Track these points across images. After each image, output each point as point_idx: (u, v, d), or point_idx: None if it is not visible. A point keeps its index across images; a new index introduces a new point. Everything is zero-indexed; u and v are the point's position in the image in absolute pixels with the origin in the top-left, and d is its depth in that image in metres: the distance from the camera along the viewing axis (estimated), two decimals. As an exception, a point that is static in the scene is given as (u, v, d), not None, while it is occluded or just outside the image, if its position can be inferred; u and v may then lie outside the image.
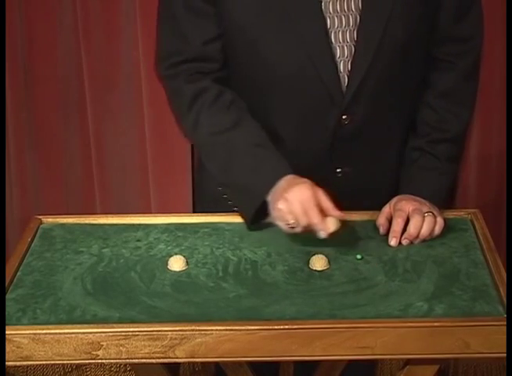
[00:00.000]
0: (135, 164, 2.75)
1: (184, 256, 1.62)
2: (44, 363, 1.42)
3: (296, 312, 1.45)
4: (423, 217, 1.67)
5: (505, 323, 1.38)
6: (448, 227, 1.73)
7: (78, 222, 1.78)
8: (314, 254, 1.61)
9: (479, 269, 1.58)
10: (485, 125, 2.59)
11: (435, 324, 1.39)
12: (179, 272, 1.59)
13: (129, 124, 2.73)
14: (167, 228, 1.75)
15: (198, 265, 1.61)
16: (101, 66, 2.65)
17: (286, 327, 1.39)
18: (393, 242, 1.66)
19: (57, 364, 2.55)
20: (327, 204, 1.61)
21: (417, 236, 1.66)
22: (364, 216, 1.76)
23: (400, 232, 1.66)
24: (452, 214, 1.79)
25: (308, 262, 1.60)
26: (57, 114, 2.71)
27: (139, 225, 1.77)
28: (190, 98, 1.74)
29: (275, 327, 1.39)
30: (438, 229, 1.68)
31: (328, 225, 1.59)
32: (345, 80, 1.70)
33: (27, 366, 2.55)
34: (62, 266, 1.61)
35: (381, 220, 1.71)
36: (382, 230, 1.70)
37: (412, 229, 1.66)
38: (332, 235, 1.59)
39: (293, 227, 1.62)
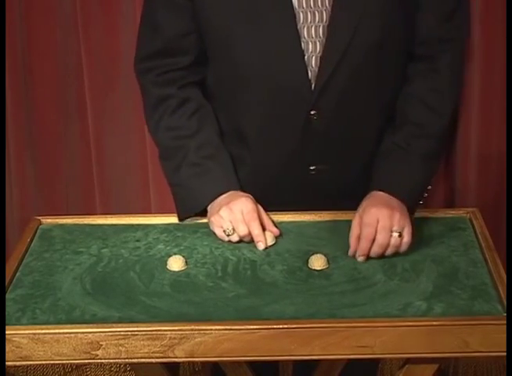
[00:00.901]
0: (135, 164, 2.75)
1: (183, 256, 1.63)
2: (43, 362, 1.43)
3: (295, 311, 1.45)
4: (390, 236, 1.62)
5: (504, 321, 1.38)
6: (447, 226, 1.73)
7: (77, 222, 1.79)
8: (313, 254, 1.61)
9: (478, 268, 1.58)
10: (485, 125, 2.59)
11: (434, 323, 1.39)
12: (178, 272, 1.59)
13: (129, 124, 2.73)
14: (167, 228, 1.76)
15: (197, 265, 1.61)
16: (101, 66, 2.64)
17: (285, 326, 1.39)
18: (360, 259, 1.62)
19: (57, 364, 2.55)
20: (267, 219, 1.71)
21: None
22: (363, 216, 1.76)
23: (367, 250, 1.61)
24: (451, 213, 1.79)
25: (307, 262, 1.60)
26: (57, 114, 2.70)
27: (138, 225, 1.77)
28: (155, 101, 1.82)
29: (275, 327, 1.39)
30: (402, 249, 1.63)
31: (267, 239, 1.67)
32: (315, 75, 1.70)
33: (27, 366, 2.55)
34: (61, 266, 1.61)
35: (353, 240, 1.64)
36: (351, 252, 1.63)
37: (376, 247, 1.62)
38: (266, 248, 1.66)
39: (229, 235, 1.68)
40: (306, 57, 1.69)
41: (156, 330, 1.39)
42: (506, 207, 2.46)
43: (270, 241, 1.68)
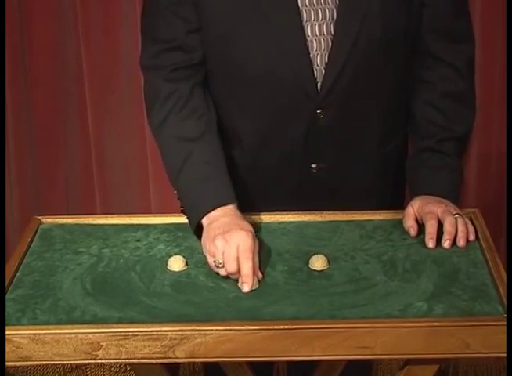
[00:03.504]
0: (135, 164, 2.76)
1: (184, 256, 1.62)
2: (43, 363, 1.42)
3: (295, 312, 1.45)
4: (455, 218, 1.66)
5: (505, 322, 1.38)
6: (448, 227, 1.72)
7: (78, 222, 1.78)
8: (313, 254, 1.61)
9: (479, 269, 1.58)
10: (485, 125, 2.59)
11: (435, 324, 1.39)
12: (179, 272, 1.59)
13: (129, 124, 2.73)
14: (167, 228, 1.75)
15: (198, 266, 1.61)
16: (101, 66, 2.65)
17: (286, 327, 1.39)
18: (431, 244, 1.64)
19: (57, 364, 2.56)
20: (257, 260, 1.57)
21: (455, 235, 1.65)
22: (364, 216, 1.76)
23: (435, 233, 1.65)
24: (451, 213, 1.79)
25: (307, 262, 1.60)
26: (57, 114, 2.71)
27: (139, 225, 1.77)
28: (165, 95, 1.75)
29: (275, 327, 1.39)
30: (471, 230, 1.67)
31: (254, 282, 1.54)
32: (322, 73, 1.70)
33: (27, 366, 2.55)
34: (61, 267, 1.61)
35: (410, 222, 1.69)
36: (413, 232, 1.68)
37: (448, 226, 1.64)
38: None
39: (218, 267, 1.56)
40: (311, 55, 1.69)
41: (156, 331, 1.39)
42: (506, 207, 2.47)
43: (256, 285, 1.55)
